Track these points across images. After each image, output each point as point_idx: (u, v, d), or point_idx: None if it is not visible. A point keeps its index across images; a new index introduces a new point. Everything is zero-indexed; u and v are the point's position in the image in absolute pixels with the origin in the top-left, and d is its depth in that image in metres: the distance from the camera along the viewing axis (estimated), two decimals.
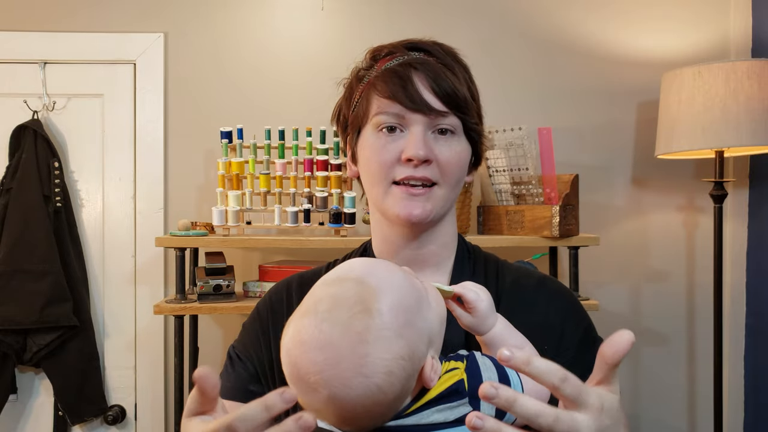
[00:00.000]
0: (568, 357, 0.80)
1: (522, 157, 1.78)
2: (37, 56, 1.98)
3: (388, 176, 0.81)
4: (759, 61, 1.70)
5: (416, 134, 0.79)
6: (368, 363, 0.60)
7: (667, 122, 1.81)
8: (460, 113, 0.81)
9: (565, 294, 0.89)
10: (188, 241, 1.71)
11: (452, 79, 0.80)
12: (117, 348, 2.02)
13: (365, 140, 0.83)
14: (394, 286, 0.66)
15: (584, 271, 1.86)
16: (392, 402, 0.63)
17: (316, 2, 2.03)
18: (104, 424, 2.00)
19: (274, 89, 2.03)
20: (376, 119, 0.82)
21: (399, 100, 0.79)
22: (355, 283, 0.65)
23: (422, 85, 0.79)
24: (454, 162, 0.81)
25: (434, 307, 0.69)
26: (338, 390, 0.60)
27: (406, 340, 0.62)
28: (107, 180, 2.02)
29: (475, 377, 0.67)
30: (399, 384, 0.62)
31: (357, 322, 0.62)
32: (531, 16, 2.06)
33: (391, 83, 0.79)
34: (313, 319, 0.63)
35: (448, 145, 0.81)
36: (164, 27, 2.01)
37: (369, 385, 0.60)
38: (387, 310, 0.63)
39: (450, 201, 0.84)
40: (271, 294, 0.93)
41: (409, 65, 0.80)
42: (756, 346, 2.03)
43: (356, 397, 0.60)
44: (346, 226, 1.75)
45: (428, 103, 0.79)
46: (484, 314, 0.73)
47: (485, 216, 1.88)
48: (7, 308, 1.81)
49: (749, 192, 2.06)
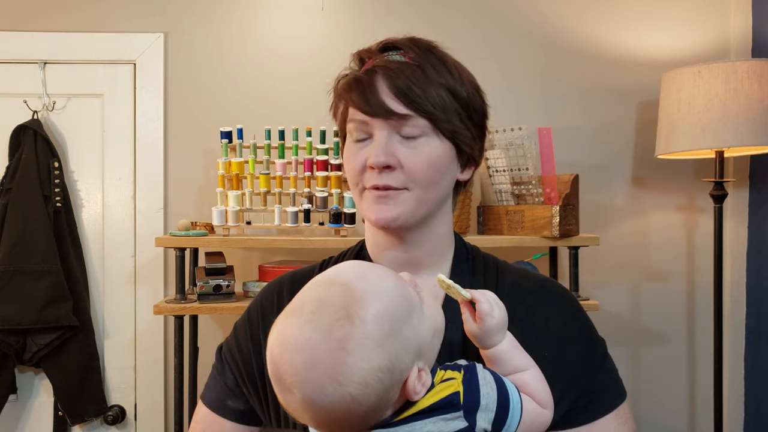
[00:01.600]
0: (570, 362, 0.79)
1: (522, 157, 1.78)
2: (37, 56, 1.98)
3: (360, 183, 0.81)
4: (759, 61, 1.70)
5: (377, 140, 0.78)
6: (344, 371, 0.60)
7: (667, 122, 1.81)
8: (425, 113, 0.77)
9: (566, 297, 0.87)
10: (188, 241, 1.71)
11: (418, 79, 0.77)
12: (117, 348, 2.02)
13: (345, 147, 0.84)
14: (382, 293, 0.65)
15: (584, 271, 1.87)
16: (368, 413, 0.62)
17: (316, 2, 2.03)
18: (104, 424, 2.00)
19: (274, 89, 2.03)
20: (348, 126, 0.82)
21: (359, 107, 0.78)
22: (343, 289, 0.65)
23: (383, 89, 0.77)
24: (420, 166, 0.77)
25: (428, 317, 0.67)
26: (312, 394, 0.60)
27: (387, 352, 0.61)
28: (107, 180, 2.02)
29: (473, 391, 0.65)
30: (375, 396, 0.61)
31: (339, 329, 0.61)
32: (531, 16, 2.06)
33: (354, 91, 0.79)
34: (297, 320, 0.64)
35: (414, 147, 0.78)
36: (164, 27, 2.01)
37: (343, 393, 0.60)
38: (371, 318, 0.62)
39: (429, 203, 0.80)
40: (262, 296, 0.92)
41: (373, 71, 0.79)
42: (756, 346, 2.03)
43: (329, 404, 0.60)
44: (346, 226, 1.75)
45: (387, 107, 0.76)
46: (491, 331, 0.71)
47: (485, 216, 1.87)
48: (7, 308, 1.80)
49: (749, 192, 2.06)
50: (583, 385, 0.79)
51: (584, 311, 0.87)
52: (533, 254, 1.90)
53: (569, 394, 0.77)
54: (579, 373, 0.79)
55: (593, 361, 0.82)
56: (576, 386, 0.79)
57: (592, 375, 0.80)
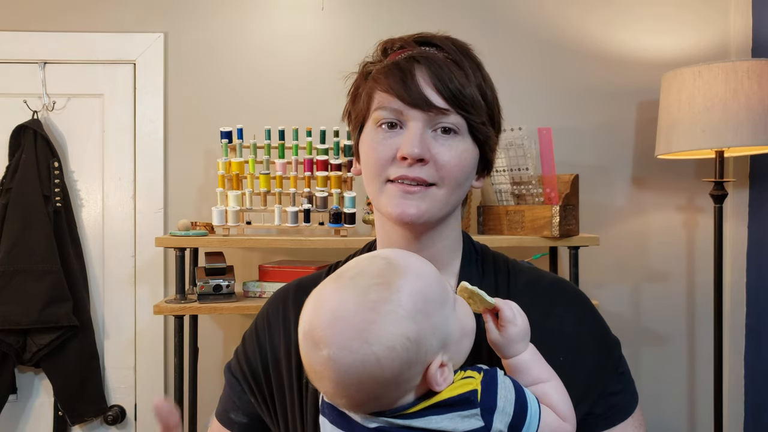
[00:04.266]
0: (586, 367, 0.78)
1: (522, 157, 1.78)
2: (37, 56, 1.98)
3: (383, 174, 0.77)
4: (759, 61, 1.70)
5: (413, 131, 0.74)
6: (373, 330, 0.61)
7: (667, 122, 1.81)
8: (463, 111, 0.75)
9: (580, 299, 0.85)
10: (188, 241, 1.71)
11: (458, 76, 0.75)
12: (117, 348, 2.02)
13: (365, 135, 0.80)
14: (421, 274, 0.66)
15: (584, 271, 1.86)
16: (387, 382, 0.62)
17: (316, 2, 2.03)
18: (104, 424, 2.00)
19: (274, 89, 2.03)
20: (375, 114, 0.78)
21: (398, 94, 0.75)
22: (385, 262, 0.67)
23: (424, 80, 0.75)
24: (454, 163, 0.76)
25: (459, 315, 0.67)
26: (338, 351, 0.61)
27: (417, 326, 0.62)
28: (107, 180, 2.02)
29: (490, 392, 0.65)
30: (398, 365, 0.61)
31: (374, 292, 0.63)
32: (531, 16, 2.06)
33: (392, 77, 0.75)
34: (336, 283, 0.66)
35: (448, 144, 0.76)
36: (164, 27, 2.01)
37: (368, 353, 0.61)
38: (407, 291, 0.63)
39: (450, 204, 0.79)
40: (268, 305, 0.91)
41: (414, 59, 0.76)
42: (756, 346, 2.03)
43: (352, 363, 0.61)
44: (346, 226, 1.75)
45: (428, 99, 0.74)
46: (513, 339, 0.70)
47: (485, 216, 1.87)
48: (7, 308, 1.81)
49: (749, 192, 2.06)
50: (600, 389, 0.77)
51: (598, 313, 0.85)
52: (533, 254, 1.90)
53: (586, 399, 0.76)
54: (595, 377, 0.78)
55: (609, 365, 0.80)
56: (593, 391, 0.77)
57: (609, 379, 0.79)
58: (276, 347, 0.85)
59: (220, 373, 2.02)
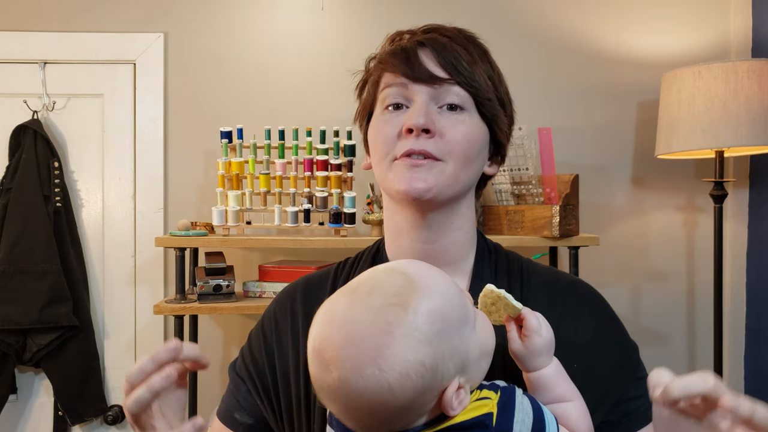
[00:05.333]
0: (604, 372, 0.76)
1: (522, 157, 1.78)
2: (37, 56, 1.98)
3: (390, 152, 0.76)
4: (759, 61, 1.70)
5: (417, 104, 0.74)
6: (387, 356, 0.57)
7: (667, 122, 1.81)
8: (468, 85, 0.75)
9: (597, 301, 0.82)
10: (188, 241, 1.71)
11: (462, 54, 0.76)
12: (117, 348, 2.02)
13: (373, 122, 0.80)
14: (441, 293, 0.62)
15: (584, 271, 1.86)
16: (400, 409, 0.59)
17: (316, 2, 2.03)
18: (104, 424, 2.00)
19: (274, 89, 2.03)
20: (382, 95, 0.78)
21: (401, 71, 0.75)
22: (404, 278, 0.63)
23: (428, 57, 0.76)
24: (461, 137, 0.74)
25: (479, 336, 0.64)
26: (348, 374, 0.58)
27: (433, 350, 0.58)
28: (107, 180, 2.02)
29: (507, 415, 0.61)
30: (412, 392, 0.58)
31: (390, 313, 0.59)
32: (531, 16, 2.06)
33: (396, 57, 0.76)
34: (349, 298, 0.62)
35: (454, 118, 0.75)
36: (164, 27, 2.01)
37: (380, 380, 0.57)
38: (425, 312, 0.59)
39: (460, 182, 0.76)
40: (275, 305, 0.88)
41: (419, 42, 0.77)
42: (756, 346, 2.03)
43: (364, 389, 0.57)
44: (346, 226, 1.75)
45: (431, 73, 0.74)
46: (537, 350, 0.67)
47: (485, 216, 1.87)
48: (7, 308, 1.80)
49: (749, 192, 2.06)
50: (617, 395, 0.75)
51: (617, 316, 0.82)
52: (533, 254, 1.90)
53: (603, 405, 0.74)
54: (613, 383, 0.76)
55: (627, 370, 0.78)
56: (610, 397, 0.75)
57: (626, 385, 0.76)
58: (284, 348, 0.83)
59: (220, 373, 2.02)
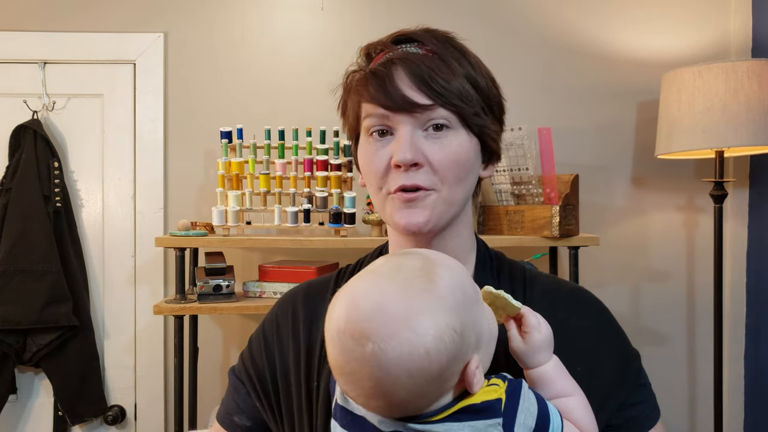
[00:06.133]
0: (605, 378, 0.76)
1: (522, 157, 1.78)
2: (37, 56, 1.98)
3: (383, 187, 0.75)
4: (759, 61, 1.70)
5: (402, 136, 0.72)
6: (421, 320, 0.57)
7: (667, 122, 1.81)
8: (450, 105, 0.72)
9: (600, 309, 0.82)
10: (188, 241, 1.71)
11: (440, 70, 0.72)
12: (117, 348, 2.02)
13: (361, 146, 0.79)
14: (457, 271, 0.64)
15: (584, 271, 1.87)
16: (433, 380, 0.58)
17: (316, 2, 2.03)
18: (104, 424, 2.00)
19: (274, 89, 2.03)
20: (365, 124, 0.76)
21: (380, 102, 0.73)
22: (421, 257, 0.64)
23: (404, 81, 0.72)
24: (449, 161, 0.73)
25: (488, 317, 0.65)
26: (384, 344, 0.56)
27: (459, 317, 0.59)
28: (107, 180, 2.02)
29: (513, 402, 0.62)
30: (446, 359, 0.57)
31: (417, 282, 0.60)
32: (531, 16, 2.06)
33: (371, 86, 0.74)
34: (373, 278, 0.62)
35: (440, 142, 0.73)
36: (164, 27, 2.01)
37: (417, 345, 0.56)
38: (447, 284, 0.61)
39: (456, 203, 0.76)
40: (277, 309, 0.88)
41: (391, 63, 0.74)
42: (756, 346, 2.03)
43: (400, 356, 0.56)
44: (346, 226, 1.75)
45: (410, 100, 0.71)
46: (537, 347, 0.68)
47: (485, 216, 1.87)
48: (7, 308, 1.81)
49: (749, 192, 2.06)
50: (618, 401, 0.76)
51: (617, 322, 0.83)
52: (533, 254, 1.90)
53: (604, 411, 0.74)
54: (614, 389, 0.76)
55: (628, 377, 0.78)
56: (611, 403, 0.75)
57: (628, 391, 0.77)
58: (285, 351, 0.83)
59: (220, 373, 2.02)
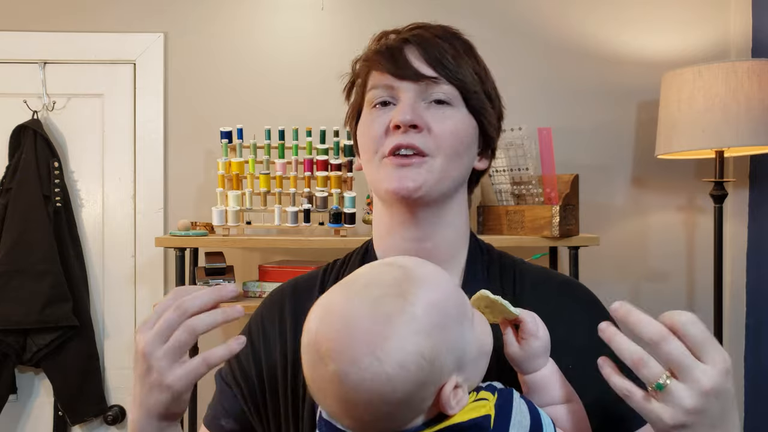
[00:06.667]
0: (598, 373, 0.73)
1: (522, 157, 1.78)
2: (37, 56, 1.98)
3: (378, 149, 0.76)
4: (759, 61, 1.70)
5: (403, 101, 0.74)
6: (385, 347, 0.56)
7: (667, 122, 1.81)
8: (455, 80, 0.75)
9: (592, 301, 0.82)
10: (188, 241, 1.71)
11: (447, 49, 0.76)
12: (117, 348, 2.02)
13: (362, 120, 0.80)
14: (439, 286, 0.61)
15: (584, 271, 1.86)
16: (399, 403, 0.57)
17: (316, 2, 2.03)
18: (104, 424, 2.01)
19: (274, 89, 2.03)
20: (369, 95, 0.78)
21: (387, 69, 0.75)
22: (401, 270, 0.62)
23: (413, 55, 0.76)
24: (449, 131, 0.74)
25: (477, 332, 0.63)
26: (346, 366, 0.56)
27: (432, 342, 0.57)
28: (107, 180, 2.02)
29: (505, 417, 0.60)
30: (411, 385, 0.56)
31: (388, 303, 0.58)
32: (531, 16, 2.06)
33: (382, 55, 0.77)
34: (346, 292, 0.61)
35: (442, 113, 0.75)
36: (164, 27, 2.01)
37: (379, 371, 0.55)
38: (423, 303, 0.58)
39: (450, 177, 0.76)
40: (262, 309, 0.87)
41: (404, 40, 0.78)
42: (756, 346, 2.03)
43: (361, 381, 0.56)
44: (346, 226, 1.75)
45: (417, 70, 0.74)
46: (534, 353, 0.66)
47: (485, 216, 1.87)
48: (7, 308, 1.81)
49: (749, 192, 2.06)
50: (613, 395, 0.72)
51: (611, 316, 0.80)
52: (533, 254, 1.90)
53: (599, 405, 0.73)
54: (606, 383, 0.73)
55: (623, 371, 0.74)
56: (605, 397, 0.73)
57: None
58: (271, 352, 0.82)
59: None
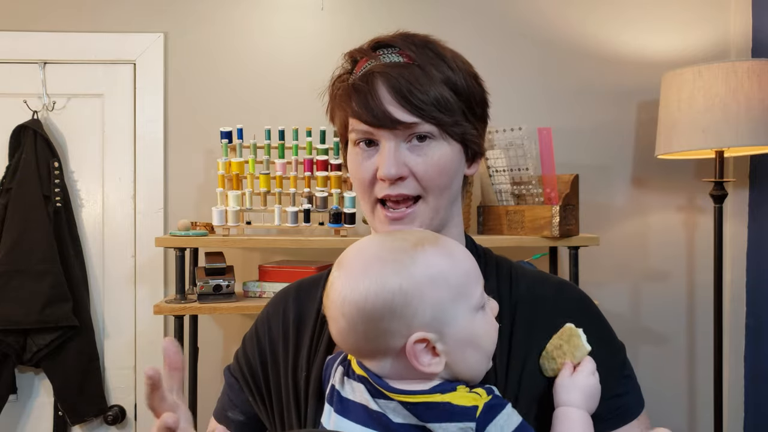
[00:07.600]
0: None
1: (522, 157, 1.78)
2: (37, 56, 1.98)
3: (371, 194, 0.79)
4: (759, 61, 1.70)
5: (386, 151, 0.76)
6: (376, 268, 0.65)
7: (667, 122, 1.81)
8: (431, 119, 0.75)
9: (585, 303, 0.84)
10: (188, 241, 1.71)
11: (418, 81, 0.74)
12: (117, 348, 2.02)
13: (350, 153, 0.82)
14: (454, 258, 0.68)
15: (584, 271, 1.86)
16: (369, 323, 0.64)
17: (316, 2, 2.03)
18: (104, 424, 2.00)
19: (274, 89, 2.03)
20: (351, 135, 0.80)
21: (363, 119, 0.76)
22: (431, 234, 0.71)
23: (386, 97, 0.75)
24: (433, 172, 0.76)
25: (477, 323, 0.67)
26: (343, 279, 0.66)
27: (417, 287, 0.64)
28: (107, 180, 2.02)
29: (489, 416, 0.63)
30: (380, 307, 0.63)
31: (403, 247, 0.67)
32: (531, 16, 2.06)
33: (354, 101, 0.76)
34: (373, 237, 0.72)
35: (423, 153, 0.76)
36: (164, 27, 2.01)
37: (360, 285, 0.65)
38: (431, 258, 0.66)
39: (442, 209, 0.79)
40: (268, 308, 0.91)
41: (372, 75, 0.76)
42: (756, 346, 2.03)
43: (349, 292, 0.65)
44: (346, 226, 1.75)
45: (393, 117, 0.74)
46: (578, 386, 0.70)
47: (485, 216, 1.87)
48: (7, 308, 1.81)
49: (749, 192, 2.06)
50: (604, 392, 0.76)
51: (603, 316, 0.84)
52: (533, 254, 1.90)
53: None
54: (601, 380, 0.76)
55: (614, 369, 0.79)
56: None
57: (613, 383, 0.78)
58: (275, 347, 0.86)
59: (220, 373, 2.01)
